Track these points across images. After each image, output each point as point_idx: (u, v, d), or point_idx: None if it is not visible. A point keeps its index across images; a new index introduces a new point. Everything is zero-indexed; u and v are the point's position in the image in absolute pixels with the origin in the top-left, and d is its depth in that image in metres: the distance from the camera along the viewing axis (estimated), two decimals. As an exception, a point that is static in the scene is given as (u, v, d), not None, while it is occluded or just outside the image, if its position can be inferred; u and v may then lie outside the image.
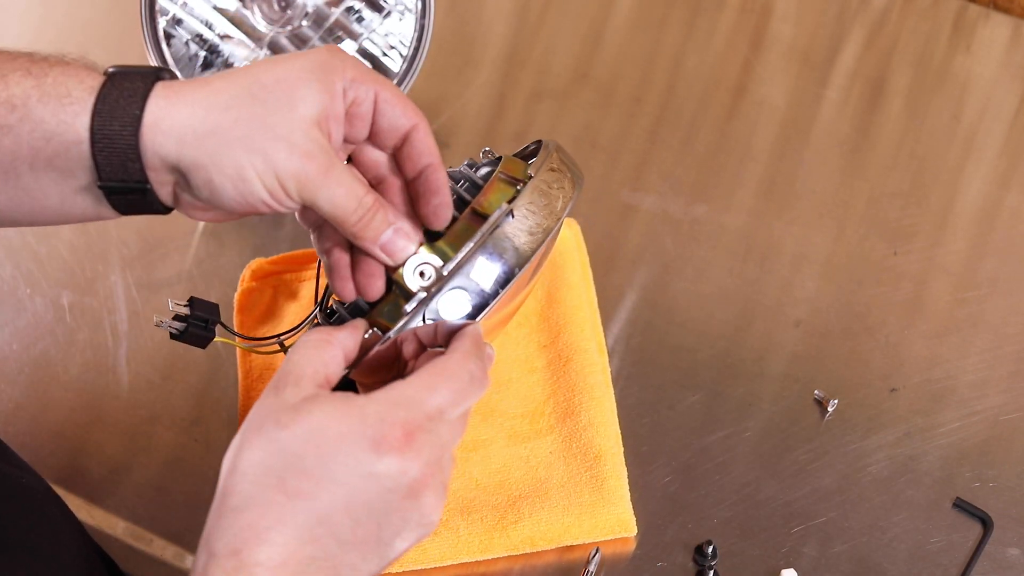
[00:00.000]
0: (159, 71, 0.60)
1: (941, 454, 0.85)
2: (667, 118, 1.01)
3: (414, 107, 0.64)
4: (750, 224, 0.95)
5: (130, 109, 0.58)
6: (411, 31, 0.94)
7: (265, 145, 0.58)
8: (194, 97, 0.59)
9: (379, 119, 0.63)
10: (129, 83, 0.59)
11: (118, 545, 0.83)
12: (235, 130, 0.58)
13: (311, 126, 0.59)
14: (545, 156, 0.69)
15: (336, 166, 0.60)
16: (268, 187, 0.59)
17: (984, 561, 0.81)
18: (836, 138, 0.99)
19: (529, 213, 0.65)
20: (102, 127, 0.58)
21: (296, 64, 0.60)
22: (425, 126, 0.64)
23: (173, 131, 0.58)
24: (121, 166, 0.59)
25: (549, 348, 0.87)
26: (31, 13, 1.07)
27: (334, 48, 0.63)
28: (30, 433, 0.87)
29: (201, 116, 0.58)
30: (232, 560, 0.54)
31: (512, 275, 0.64)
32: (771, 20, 1.05)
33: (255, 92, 0.59)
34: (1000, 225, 0.95)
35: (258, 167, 0.58)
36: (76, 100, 0.59)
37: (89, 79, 0.59)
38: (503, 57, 1.04)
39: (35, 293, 0.93)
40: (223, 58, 0.94)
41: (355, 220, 0.61)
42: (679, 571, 0.81)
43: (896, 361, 0.89)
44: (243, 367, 0.88)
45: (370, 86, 0.62)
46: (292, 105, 0.59)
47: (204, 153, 0.58)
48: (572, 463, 0.82)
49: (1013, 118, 1.00)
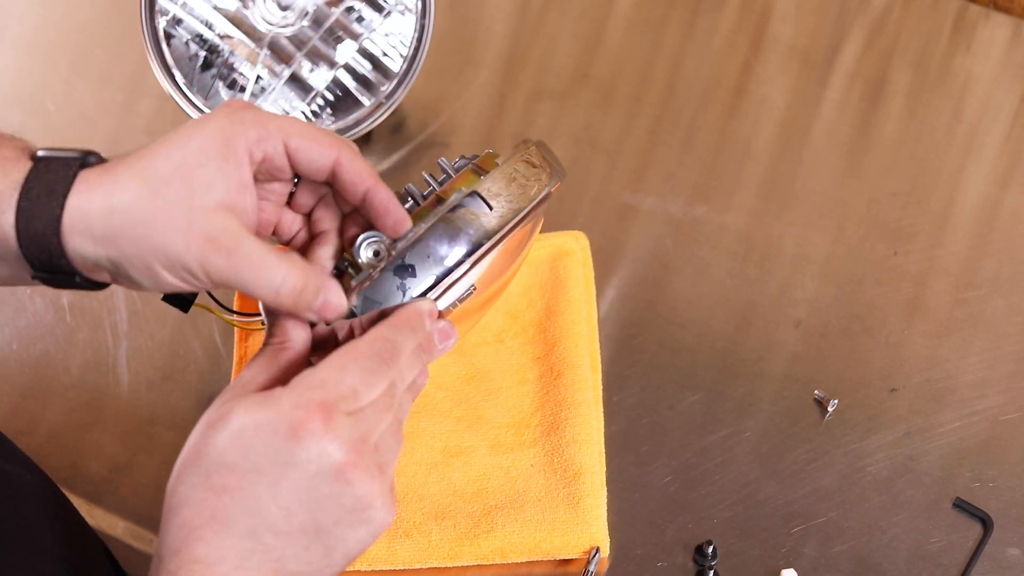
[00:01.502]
0: (85, 156, 0.60)
1: (941, 454, 0.85)
2: (667, 118, 1.01)
3: (331, 139, 0.63)
4: (750, 224, 0.95)
5: (51, 208, 0.58)
6: (411, 31, 0.94)
7: (164, 240, 0.59)
8: (103, 194, 0.59)
9: (296, 166, 0.63)
10: (52, 175, 0.59)
11: (118, 545, 0.83)
12: (138, 229, 0.59)
13: (212, 210, 0.59)
14: (520, 150, 0.69)
15: (242, 246, 0.59)
16: (178, 277, 0.60)
17: (984, 561, 0.81)
18: (836, 138, 0.99)
19: (492, 196, 0.65)
20: (26, 227, 0.59)
21: (194, 144, 0.60)
22: (348, 153, 0.63)
23: (87, 233, 0.59)
24: (49, 262, 0.59)
25: (542, 360, 0.87)
26: (31, 13, 1.07)
27: (232, 109, 0.62)
28: (30, 433, 0.87)
29: (107, 216, 0.59)
30: (174, 560, 0.56)
31: (465, 255, 0.63)
32: (771, 20, 1.05)
33: (154, 186, 0.59)
34: (1000, 225, 0.95)
35: (163, 261, 0.59)
36: (1, 196, 0.59)
37: (14, 170, 0.59)
38: (503, 57, 1.04)
39: (35, 293, 0.93)
40: (223, 58, 0.94)
41: (279, 302, 0.61)
42: (679, 571, 0.81)
43: (896, 361, 0.89)
44: (239, 352, 0.88)
45: (276, 139, 0.62)
46: (191, 193, 0.59)
47: (116, 253, 0.59)
48: (551, 478, 0.82)
49: (1013, 118, 1.00)
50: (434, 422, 0.85)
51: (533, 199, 0.66)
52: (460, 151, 0.99)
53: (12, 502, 0.68)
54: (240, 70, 0.95)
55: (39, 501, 0.71)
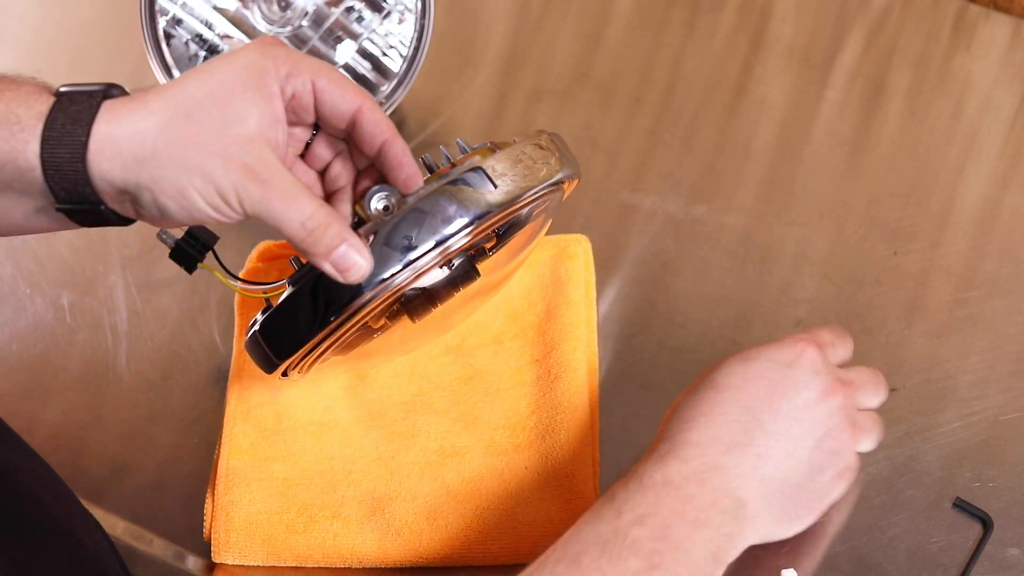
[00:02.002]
0: (108, 88, 0.61)
1: (941, 454, 0.85)
2: (667, 118, 1.01)
3: (355, 88, 0.64)
4: (750, 224, 0.95)
5: (76, 135, 0.59)
6: (411, 31, 0.94)
7: (202, 163, 0.59)
8: (132, 119, 0.59)
9: (320, 108, 0.64)
10: (75, 105, 0.60)
11: (118, 545, 0.83)
12: (172, 152, 0.59)
13: (248, 139, 0.60)
14: (534, 135, 0.69)
15: (277, 178, 0.60)
16: (211, 203, 0.60)
17: (984, 561, 0.81)
18: (836, 138, 0.99)
19: (498, 174, 0.65)
20: (51, 155, 0.59)
21: (228, 73, 0.60)
22: (370, 104, 0.64)
23: (116, 157, 0.59)
24: (74, 190, 0.60)
25: (540, 363, 0.87)
26: (31, 13, 1.07)
27: (265, 44, 0.63)
28: (30, 433, 0.87)
29: (139, 140, 0.59)
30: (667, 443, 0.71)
31: (467, 224, 0.64)
32: (771, 20, 1.05)
33: (189, 111, 0.59)
34: (1000, 225, 0.95)
35: (197, 185, 0.59)
36: (25, 127, 0.59)
37: (38, 103, 0.60)
38: (503, 57, 1.04)
39: (35, 293, 0.93)
40: (223, 58, 0.94)
41: (303, 235, 0.61)
42: (679, 571, 0.81)
43: (896, 361, 0.89)
44: (239, 347, 0.88)
45: (306, 77, 0.62)
46: (227, 121, 0.59)
47: (146, 176, 0.59)
48: (544, 482, 0.82)
49: (1013, 118, 1.00)
50: (430, 422, 0.85)
51: (540, 182, 0.67)
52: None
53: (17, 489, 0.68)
54: (240, 70, 0.95)
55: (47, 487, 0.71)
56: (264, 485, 0.82)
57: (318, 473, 0.83)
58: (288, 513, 0.82)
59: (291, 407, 0.85)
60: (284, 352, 0.69)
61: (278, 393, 0.86)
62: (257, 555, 0.81)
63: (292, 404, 0.86)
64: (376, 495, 0.82)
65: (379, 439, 0.85)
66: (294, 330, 0.67)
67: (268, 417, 0.85)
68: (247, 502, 0.82)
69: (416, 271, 0.65)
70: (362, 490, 0.83)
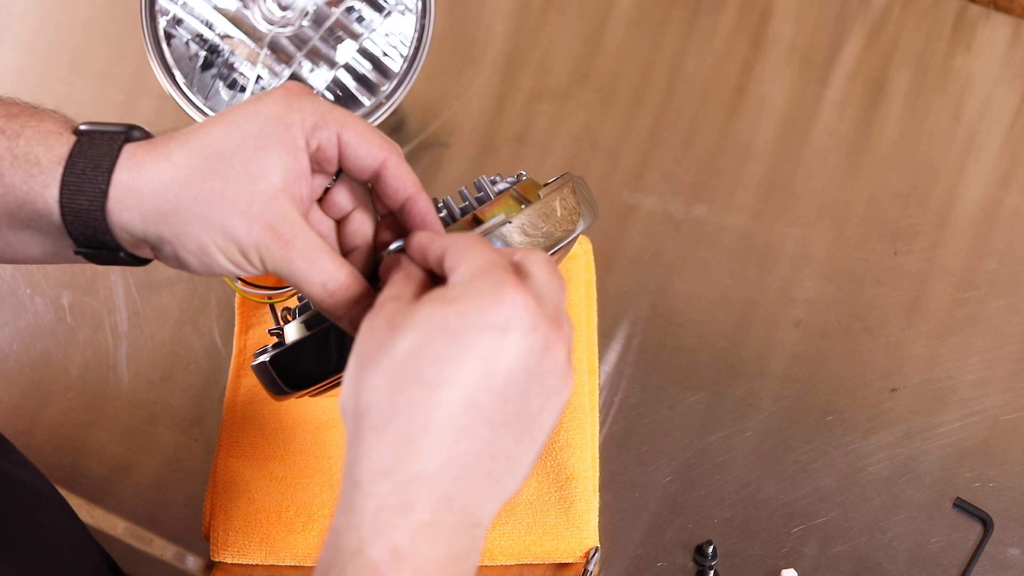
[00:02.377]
0: (128, 131, 0.60)
1: (941, 454, 0.85)
2: (667, 118, 1.01)
3: (381, 140, 0.62)
4: (750, 224, 0.95)
5: (97, 182, 0.58)
6: (411, 31, 0.94)
7: (224, 221, 0.58)
8: (155, 170, 0.58)
9: (344, 160, 0.62)
10: (96, 149, 0.59)
11: (118, 545, 0.83)
12: (195, 208, 0.58)
13: (273, 196, 0.59)
14: (560, 184, 0.68)
15: (299, 237, 0.59)
16: (232, 259, 0.59)
17: (984, 561, 0.81)
18: (836, 138, 0.99)
19: (527, 232, 0.64)
20: (70, 201, 0.58)
21: (253, 124, 0.59)
22: (396, 158, 0.62)
23: (136, 208, 0.58)
24: (93, 237, 0.59)
25: None
26: (31, 13, 1.07)
27: (291, 93, 0.61)
28: (30, 433, 0.87)
29: (161, 193, 0.58)
30: (384, 483, 0.50)
31: None
32: (771, 20, 1.05)
33: (214, 166, 0.58)
34: (1000, 225, 0.95)
35: (219, 243, 0.58)
36: (45, 169, 0.58)
37: (58, 144, 0.59)
38: (503, 57, 1.04)
39: (35, 293, 0.93)
40: (223, 58, 0.94)
41: (324, 296, 0.60)
42: (679, 571, 0.81)
43: (896, 361, 0.89)
44: (239, 344, 0.88)
45: (332, 129, 0.61)
46: (251, 177, 0.58)
47: (167, 231, 0.58)
48: (543, 482, 0.82)
49: (1013, 118, 1.00)
50: None
51: (564, 239, 0.67)
52: (460, 151, 0.99)
53: (13, 504, 0.68)
54: (240, 70, 0.95)
55: (40, 503, 0.71)
56: (263, 484, 0.82)
57: (317, 472, 0.83)
58: (287, 512, 0.82)
59: (290, 406, 0.85)
60: (296, 385, 0.69)
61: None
62: (256, 554, 0.81)
63: (291, 403, 0.86)
64: (376, 495, 0.82)
65: (379, 439, 0.85)
66: (308, 369, 0.67)
67: (267, 416, 0.85)
68: (246, 501, 0.82)
69: None
70: (361, 489, 0.83)
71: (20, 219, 0.59)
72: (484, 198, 0.68)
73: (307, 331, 0.66)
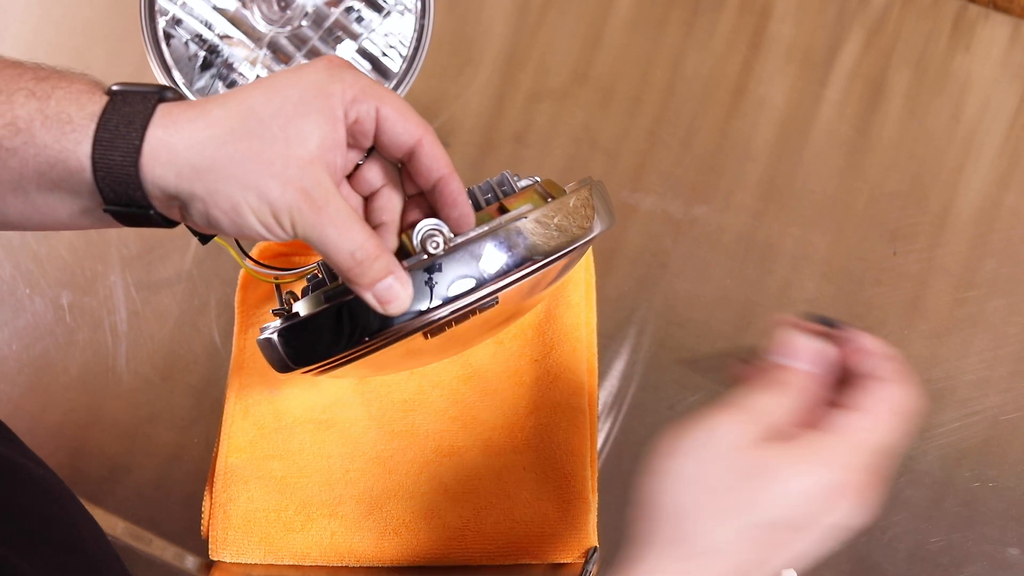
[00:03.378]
0: (162, 91, 0.60)
1: (941, 454, 0.85)
2: (667, 118, 1.01)
3: (417, 119, 0.63)
4: (750, 224, 0.95)
5: (130, 138, 0.58)
6: (411, 31, 0.94)
7: (259, 182, 0.58)
8: (192, 128, 0.58)
9: (380, 136, 0.63)
10: (129, 107, 0.59)
11: (118, 545, 0.83)
12: (231, 167, 0.58)
13: (308, 162, 0.59)
14: (582, 185, 0.69)
15: (332, 204, 0.59)
16: (263, 221, 0.59)
17: (984, 561, 0.81)
18: (836, 138, 0.99)
19: (549, 223, 0.65)
20: (103, 157, 0.58)
21: (294, 91, 0.60)
22: (431, 138, 0.63)
23: (171, 164, 0.58)
24: (124, 193, 0.59)
25: (540, 364, 0.87)
26: (31, 13, 1.07)
27: (333, 64, 0.62)
28: (30, 433, 0.87)
29: (198, 150, 0.58)
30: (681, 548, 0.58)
31: (511, 269, 0.64)
32: (771, 20, 1.05)
33: (252, 127, 0.58)
34: (1000, 225, 0.95)
35: (252, 203, 0.58)
36: (77, 127, 0.58)
37: (90, 103, 0.59)
38: (503, 57, 1.04)
39: (35, 293, 0.93)
40: (223, 58, 0.94)
41: (351, 264, 0.60)
42: (679, 571, 0.81)
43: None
44: (238, 344, 0.88)
45: (371, 103, 0.61)
46: (288, 141, 0.59)
47: (201, 187, 0.58)
48: (542, 482, 0.82)
49: (1013, 118, 1.00)
50: (428, 421, 0.85)
51: (583, 236, 0.67)
52: (460, 151, 0.99)
53: (29, 497, 0.68)
54: (240, 70, 0.95)
55: (52, 495, 0.71)
56: (262, 483, 0.82)
57: (316, 471, 0.83)
58: (286, 511, 0.82)
59: (290, 405, 0.85)
60: (302, 361, 0.69)
61: (277, 391, 0.86)
62: (255, 553, 0.81)
63: (291, 402, 0.86)
64: (374, 494, 0.82)
65: (377, 438, 0.85)
66: (317, 344, 0.67)
67: (267, 415, 0.85)
68: (245, 500, 0.82)
69: (453, 309, 0.65)
70: (360, 488, 0.83)
71: (51, 179, 0.59)
72: (508, 191, 0.69)
73: (323, 303, 0.66)
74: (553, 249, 0.65)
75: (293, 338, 0.68)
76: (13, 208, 0.61)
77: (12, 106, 0.59)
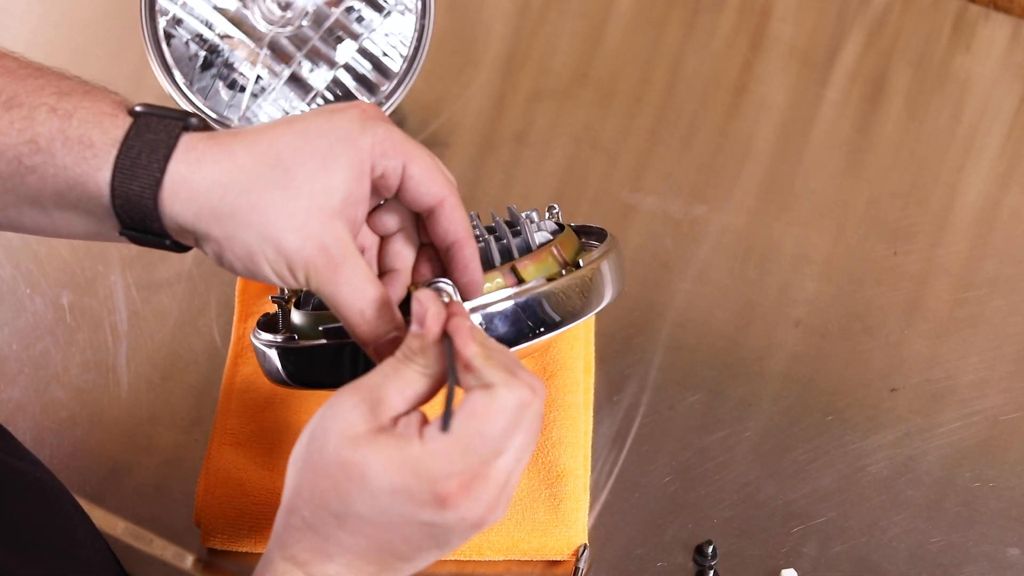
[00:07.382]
0: (186, 117, 0.59)
1: (941, 454, 0.85)
2: (667, 118, 1.01)
3: (443, 180, 0.62)
4: (750, 224, 0.95)
5: (151, 170, 0.57)
6: (411, 31, 0.94)
7: (279, 235, 0.57)
8: (216, 169, 0.57)
9: (403, 192, 0.62)
10: (152, 134, 0.58)
11: (118, 545, 0.83)
12: (252, 215, 0.57)
13: (331, 216, 0.58)
14: (600, 253, 0.70)
15: (349, 263, 0.59)
16: (277, 272, 0.59)
17: (984, 561, 0.81)
18: (836, 138, 0.99)
19: (560, 298, 0.65)
20: (122, 185, 0.57)
21: (323, 143, 0.59)
22: (453, 200, 0.62)
23: (191, 202, 0.57)
24: (141, 222, 0.58)
25: (536, 360, 0.87)
26: (31, 13, 1.07)
27: (367, 115, 0.60)
28: (30, 433, 0.87)
29: (220, 194, 0.57)
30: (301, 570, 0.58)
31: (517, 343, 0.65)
32: (771, 20, 1.05)
33: (277, 176, 0.57)
34: (1000, 225, 0.95)
35: (269, 255, 0.58)
36: (99, 152, 0.58)
37: (113, 127, 0.58)
38: (503, 57, 1.04)
39: (35, 293, 0.93)
40: (223, 58, 0.94)
41: (358, 322, 0.60)
42: (679, 571, 0.81)
43: (896, 361, 0.89)
44: (236, 344, 0.88)
45: (399, 159, 0.60)
46: (313, 195, 0.58)
47: (219, 231, 0.58)
48: (534, 479, 0.82)
49: (1013, 118, 1.00)
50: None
51: (592, 311, 0.68)
52: (460, 151, 0.99)
53: (22, 501, 0.68)
54: (240, 70, 0.95)
55: (49, 500, 0.71)
56: (256, 473, 0.82)
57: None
58: (278, 498, 0.82)
59: (286, 398, 0.85)
60: (299, 382, 0.69)
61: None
62: (246, 542, 0.81)
63: (287, 395, 0.86)
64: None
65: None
66: (316, 372, 0.68)
67: (262, 406, 0.85)
68: (238, 489, 0.82)
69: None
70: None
71: (69, 200, 0.59)
72: (522, 247, 0.70)
73: (325, 339, 0.66)
74: (559, 323, 0.66)
75: (291, 361, 0.68)
76: (30, 220, 0.61)
77: (33, 123, 0.58)
